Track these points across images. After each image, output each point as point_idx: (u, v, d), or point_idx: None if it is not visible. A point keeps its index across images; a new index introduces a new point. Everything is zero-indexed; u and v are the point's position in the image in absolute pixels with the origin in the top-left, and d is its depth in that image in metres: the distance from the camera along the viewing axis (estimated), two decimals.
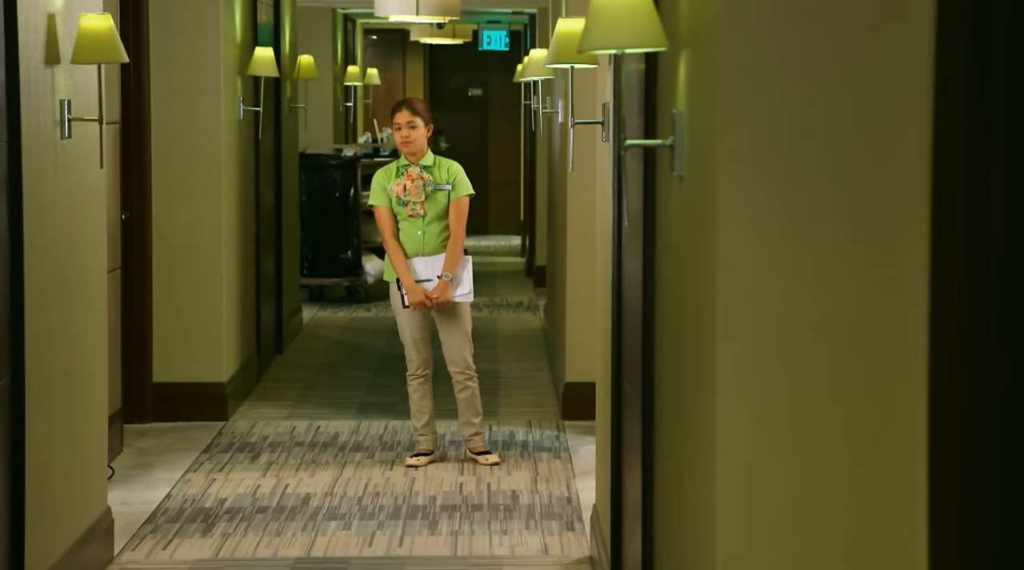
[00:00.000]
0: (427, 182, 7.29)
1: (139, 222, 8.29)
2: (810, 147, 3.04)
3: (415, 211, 7.28)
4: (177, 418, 8.35)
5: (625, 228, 4.72)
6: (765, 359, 3.06)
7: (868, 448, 3.05)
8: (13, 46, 4.68)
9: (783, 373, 3.06)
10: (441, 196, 7.34)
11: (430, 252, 7.33)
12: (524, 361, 10.55)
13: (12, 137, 4.70)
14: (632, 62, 4.42)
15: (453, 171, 7.39)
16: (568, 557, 5.99)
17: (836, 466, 3.06)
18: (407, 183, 7.27)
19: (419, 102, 7.43)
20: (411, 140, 7.31)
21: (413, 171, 7.29)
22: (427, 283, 7.31)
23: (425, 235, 7.32)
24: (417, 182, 7.27)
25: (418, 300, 7.29)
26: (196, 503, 6.71)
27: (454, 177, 7.37)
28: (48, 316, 5.11)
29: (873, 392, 3.04)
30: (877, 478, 3.04)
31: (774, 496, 3.08)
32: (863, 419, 3.05)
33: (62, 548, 5.28)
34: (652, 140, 3.96)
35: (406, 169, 7.32)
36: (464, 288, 7.38)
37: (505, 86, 19.73)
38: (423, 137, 7.35)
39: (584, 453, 7.65)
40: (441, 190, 7.33)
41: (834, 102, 3.03)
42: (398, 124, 7.32)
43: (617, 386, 5.02)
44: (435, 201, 7.32)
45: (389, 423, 8.44)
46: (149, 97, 8.32)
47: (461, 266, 7.38)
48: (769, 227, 3.05)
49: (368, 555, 5.99)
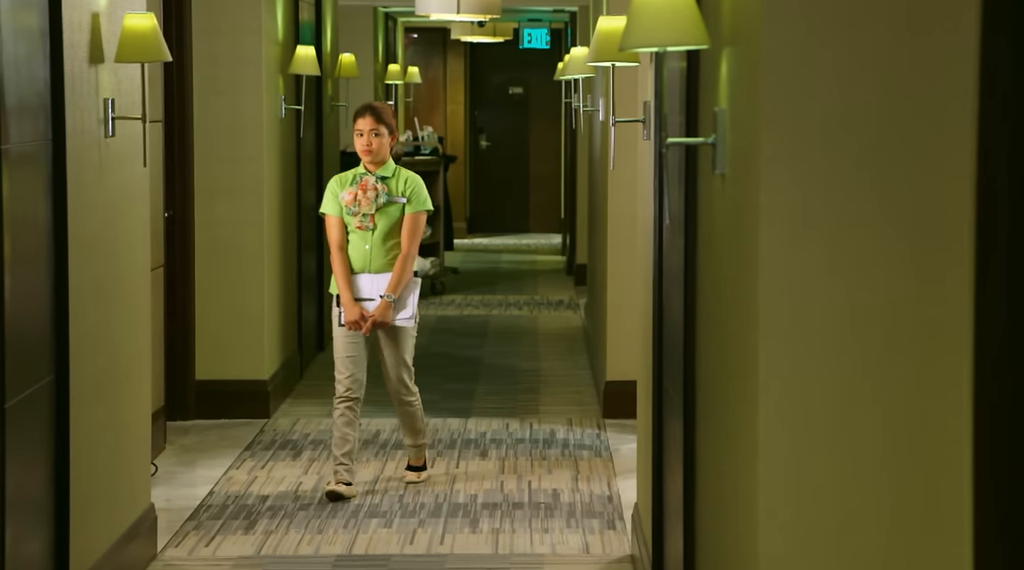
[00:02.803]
0: (380, 193, 6.76)
1: (182, 220, 8.33)
2: (853, 145, 3.03)
3: (364, 224, 6.76)
4: (219, 415, 8.39)
5: (666, 226, 4.71)
6: (807, 358, 3.05)
7: (910, 448, 3.04)
8: (58, 45, 4.71)
9: (825, 372, 3.05)
10: (394, 209, 6.79)
11: (377, 269, 6.79)
12: (565, 359, 10.54)
13: (56, 136, 4.74)
14: (674, 60, 4.42)
15: (411, 183, 6.85)
16: (609, 556, 5.98)
17: (878, 466, 3.05)
18: (359, 193, 6.76)
19: (385, 109, 6.89)
20: (373, 149, 6.77)
21: (368, 180, 6.78)
22: (369, 303, 6.78)
23: (373, 250, 6.78)
24: (370, 193, 6.76)
25: (354, 319, 6.75)
26: (238, 500, 6.74)
27: (411, 189, 6.82)
28: (92, 314, 5.14)
29: (916, 391, 3.03)
30: (919, 478, 3.03)
31: (816, 495, 3.07)
32: (905, 419, 3.04)
33: (106, 544, 5.32)
34: (694, 138, 3.96)
35: (361, 178, 6.81)
36: (407, 312, 6.81)
37: (546, 84, 19.72)
38: (387, 146, 6.83)
39: (625, 451, 7.64)
40: (394, 203, 6.79)
41: (877, 99, 3.02)
42: (360, 130, 6.79)
43: (658, 385, 5.01)
44: (387, 214, 6.78)
45: (430, 421, 8.45)
46: (192, 96, 8.36)
47: (407, 288, 6.81)
48: (812, 225, 3.04)
49: (409, 553, 6.00)
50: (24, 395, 4.41)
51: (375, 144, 6.78)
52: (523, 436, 8.09)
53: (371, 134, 6.79)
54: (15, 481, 4.31)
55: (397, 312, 6.80)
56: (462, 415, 8.63)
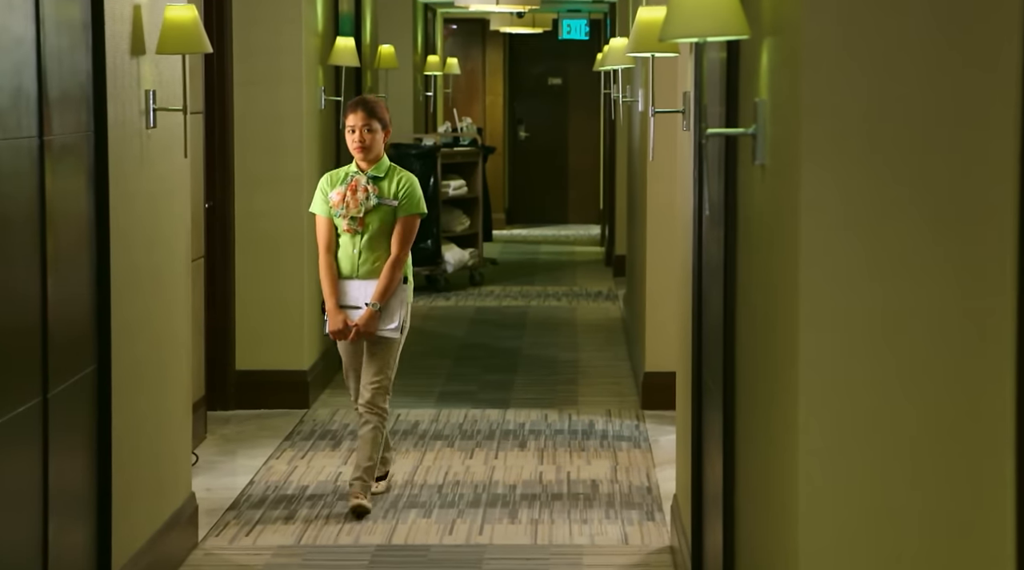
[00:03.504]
0: (370, 195, 6.31)
1: (222, 211, 8.36)
2: (894, 135, 3.02)
3: (353, 226, 6.32)
4: (259, 406, 8.43)
5: (706, 217, 4.70)
6: (848, 350, 3.04)
7: (951, 440, 3.03)
8: (100, 37, 4.74)
9: (866, 364, 3.04)
10: (386, 212, 6.35)
11: (364, 275, 6.34)
12: (603, 350, 10.54)
13: (98, 127, 4.76)
14: (714, 50, 4.40)
15: (404, 184, 6.38)
16: (648, 547, 5.98)
17: (918, 458, 3.04)
18: (347, 193, 6.32)
19: (378, 103, 6.43)
20: (367, 146, 6.33)
21: (359, 180, 6.33)
22: (355, 311, 6.34)
23: (362, 255, 6.35)
24: (359, 194, 6.31)
25: (337, 328, 6.32)
26: (278, 490, 6.77)
27: (404, 191, 6.36)
28: (133, 304, 5.17)
29: (957, 384, 3.01)
30: (960, 470, 3.01)
31: (856, 487, 3.06)
32: (946, 411, 3.03)
33: (147, 533, 5.35)
34: (734, 129, 3.95)
35: (352, 177, 6.36)
36: (392, 323, 6.33)
37: (585, 75, 19.70)
38: (380, 143, 6.38)
39: (664, 443, 7.64)
40: (385, 205, 6.35)
41: (919, 89, 3.00)
42: (352, 126, 6.34)
43: (697, 376, 5.00)
44: (378, 217, 6.33)
45: (469, 412, 8.47)
46: (232, 87, 8.39)
47: (395, 296, 6.35)
48: (852, 217, 3.03)
49: (448, 543, 6.01)
50: (66, 385, 4.44)
51: (368, 140, 6.34)
52: (562, 427, 8.09)
53: (363, 130, 6.34)
54: (58, 470, 4.34)
55: (382, 322, 6.33)
56: (501, 406, 8.64)
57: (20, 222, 4.07)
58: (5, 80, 3.92)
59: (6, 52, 3.93)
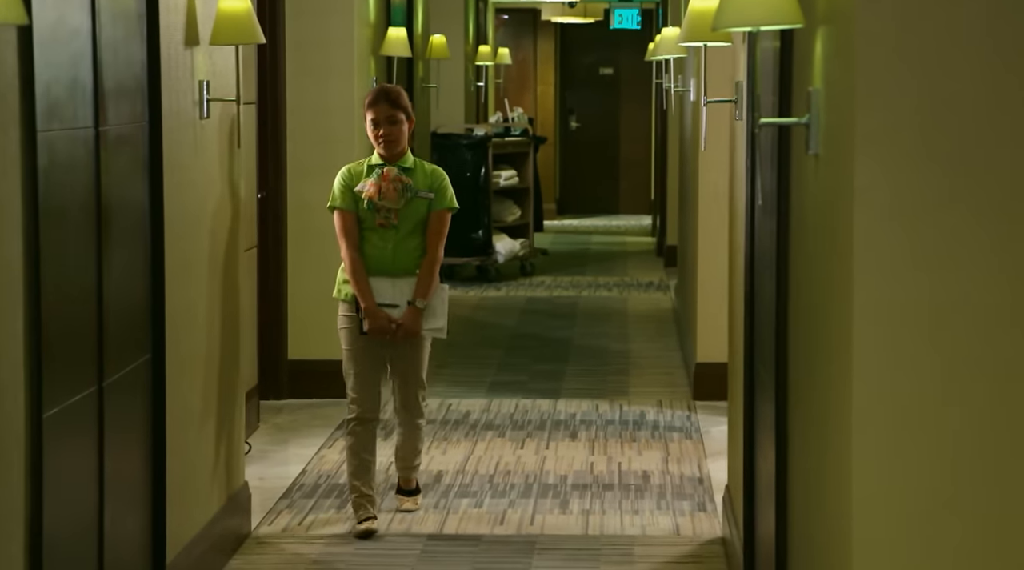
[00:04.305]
0: (407, 186, 5.93)
1: (275, 201, 8.40)
2: (950, 125, 2.99)
3: (387, 220, 5.92)
4: (311, 395, 8.46)
5: (758, 207, 4.68)
6: (903, 341, 3.03)
7: (1007, 430, 3.01)
8: (155, 27, 4.77)
9: (921, 355, 3.03)
10: (420, 206, 5.96)
11: (399, 272, 5.95)
12: (654, 341, 10.52)
13: (153, 117, 4.79)
14: (767, 39, 4.39)
15: (437, 177, 6.03)
16: (700, 537, 5.97)
17: (974, 448, 3.02)
18: (383, 185, 5.91)
19: (399, 93, 6.01)
20: (392, 138, 5.93)
21: (390, 171, 5.94)
22: (392, 309, 5.95)
23: (397, 251, 5.94)
24: (395, 184, 5.92)
25: (380, 327, 5.92)
26: (330, 479, 6.80)
27: (438, 184, 6.00)
28: (187, 294, 5.20)
29: (1013, 374, 2.99)
30: (1016, 460, 3.00)
31: (911, 478, 3.04)
32: (1002, 401, 3.01)
33: (202, 522, 5.39)
34: (787, 118, 3.93)
35: (380, 168, 5.96)
36: (438, 321, 6.01)
37: (636, 65, 19.65)
38: (405, 135, 5.98)
39: (715, 434, 7.62)
40: (422, 198, 5.97)
41: (974, 78, 2.98)
42: (375, 120, 5.94)
43: (750, 366, 4.99)
44: (412, 211, 5.95)
45: (520, 402, 8.48)
46: (285, 78, 8.43)
47: (435, 294, 6.00)
48: (907, 207, 3.01)
49: (500, 533, 6.02)
50: (121, 374, 4.47)
51: (393, 133, 5.94)
52: (613, 417, 8.09)
53: (387, 122, 5.94)
54: (113, 459, 4.38)
55: (427, 322, 5.99)
56: (552, 396, 8.64)
57: (76, 212, 4.10)
58: (62, 71, 3.95)
59: (63, 43, 3.96)
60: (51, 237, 3.86)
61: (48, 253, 3.82)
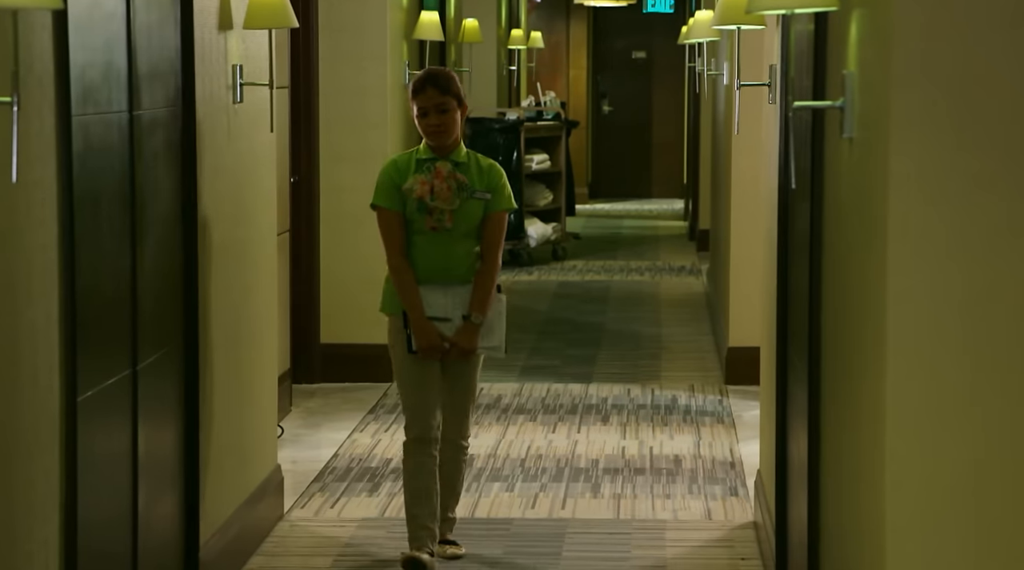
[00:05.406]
0: (462, 185, 5.22)
1: (307, 186, 8.41)
2: (987, 108, 2.97)
3: (441, 223, 5.21)
4: (344, 379, 8.48)
5: (792, 191, 4.66)
6: (937, 325, 3.01)
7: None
8: (188, 12, 4.78)
9: (956, 340, 3.01)
10: (476, 207, 5.25)
11: (454, 281, 5.25)
12: (686, 325, 10.51)
13: (187, 102, 4.80)
14: (801, 22, 4.36)
15: (494, 175, 5.29)
16: (732, 522, 5.96)
17: (1008, 435, 3.01)
18: (435, 183, 5.20)
19: (450, 77, 5.30)
20: (444, 128, 5.21)
21: (443, 168, 5.22)
22: (444, 323, 5.25)
23: (450, 257, 5.24)
24: (449, 183, 5.21)
25: (430, 344, 5.21)
26: (362, 463, 6.82)
27: (496, 183, 5.29)
28: (221, 278, 5.22)
29: None
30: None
31: (945, 463, 3.03)
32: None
33: (234, 505, 5.41)
34: (821, 102, 3.91)
35: (432, 164, 5.24)
36: (495, 339, 5.31)
37: (669, 48, 19.59)
38: (457, 124, 5.24)
39: (747, 418, 7.61)
40: (478, 199, 5.26)
41: (1007, 63, 2.96)
42: (424, 108, 5.22)
43: (782, 351, 4.97)
44: (467, 213, 5.24)
45: (551, 386, 8.48)
46: (318, 62, 8.43)
47: (493, 307, 5.31)
48: (943, 190, 3.00)
49: (531, 517, 6.03)
50: (155, 358, 4.49)
51: (444, 122, 5.22)
52: (644, 402, 8.08)
53: (437, 111, 5.23)
54: (147, 443, 4.40)
55: (484, 339, 5.31)
56: (584, 380, 8.64)
57: (110, 196, 4.12)
58: (96, 55, 3.96)
59: (97, 27, 3.97)
60: (85, 221, 3.87)
61: (82, 237, 3.84)
